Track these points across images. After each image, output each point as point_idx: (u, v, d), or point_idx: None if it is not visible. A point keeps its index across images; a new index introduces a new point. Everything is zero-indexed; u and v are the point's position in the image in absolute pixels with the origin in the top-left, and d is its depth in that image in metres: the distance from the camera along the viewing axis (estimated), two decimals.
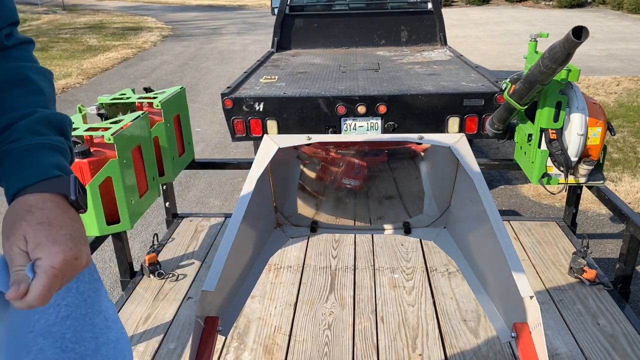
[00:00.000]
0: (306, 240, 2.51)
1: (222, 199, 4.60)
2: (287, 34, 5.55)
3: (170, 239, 2.57)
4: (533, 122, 2.19)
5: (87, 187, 1.77)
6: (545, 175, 2.19)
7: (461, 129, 3.57)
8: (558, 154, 2.09)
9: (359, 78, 4.05)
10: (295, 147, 1.61)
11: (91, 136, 1.87)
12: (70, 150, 0.81)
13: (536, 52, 2.25)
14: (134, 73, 10.06)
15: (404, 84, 3.83)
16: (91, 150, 1.82)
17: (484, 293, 1.40)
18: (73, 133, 1.87)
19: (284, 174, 1.70)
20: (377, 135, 1.59)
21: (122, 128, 1.90)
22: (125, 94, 2.35)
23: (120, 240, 2.17)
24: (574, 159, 2.10)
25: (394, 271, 2.25)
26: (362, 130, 3.62)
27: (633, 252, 2.04)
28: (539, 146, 2.16)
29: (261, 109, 3.56)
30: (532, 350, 1.09)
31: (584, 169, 2.12)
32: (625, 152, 5.33)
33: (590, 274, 2.11)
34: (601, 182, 2.19)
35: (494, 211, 1.27)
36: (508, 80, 2.24)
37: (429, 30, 5.49)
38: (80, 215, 0.73)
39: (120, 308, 2.04)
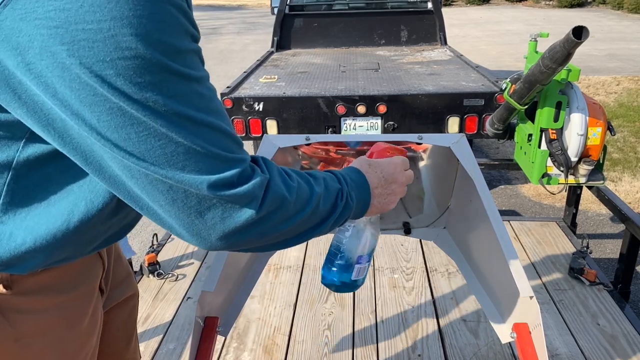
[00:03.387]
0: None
1: None
2: (286, 33, 5.55)
3: (170, 239, 2.56)
4: (533, 122, 2.19)
5: None
6: (545, 175, 2.18)
7: (461, 129, 3.57)
8: (558, 154, 2.09)
9: (359, 78, 4.05)
10: (295, 147, 1.61)
11: None
12: None
13: (536, 52, 2.25)
14: None
15: (404, 83, 3.82)
16: None
17: (484, 293, 1.40)
18: None
19: None
20: (377, 136, 1.58)
21: None
22: None
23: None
24: (574, 159, 2.10)
25: (394, 271, 2.25)
26: (362, 130, 3.61)
27: (633, 252, 2.04)
28: (539, 146, 2.16)
29: (261, 109, 3.56)
30: (532, 350, 1.08)
31: (584, 169, 2.12)
32: (626, 152, 5.33)
33: (590, 274, 2.10)
34: (601, 182, 2.19)
35: (494, 211, 1.27)
36: (508, 80, 2.23)
37: (429, 30, 5.49)
38: None
39: None
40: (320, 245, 2.46)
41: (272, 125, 3.60)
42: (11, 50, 0.53)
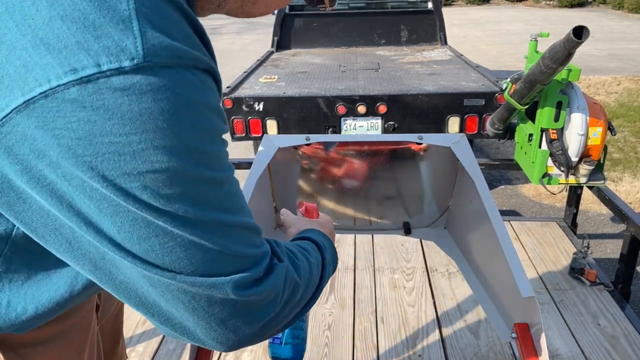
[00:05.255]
0: None
1: None
2: (287, 33, 5.55)
3: None
4: (533, 122, 2.19)
5: None
6: (546, 175, 2.18)
7: (461, 129, 3.56)
8: (559, 154, 2.09)
9: (359, 78, 4.05)
10: (295, 147, 1.61)
11: None
12: None
13: (536, 52, 2.25)
14: None
15: (404, 83, 3.82)
16: None
17: (484, 293, 1.39)
18: None
19: (284, 174, 1.69)
20: (377, 135, 1.58)
21: None
22: None
23: None
24: (574, 159, 2.09)
25: (394, 271, 2.24)
26: (362, 130, 3.61)
27: (633, 252, 2.04)
28: (540, 146, 2.16)
29: (261, 109, 3.56)
30: (533, 350, 1.08)
31: (584, 169, 2.12)
32: (626, 152, 5.33)
33: (590, 274, 2.10)
34: (602, 182, 2.19)
35: (494, 211, 1.27)
36: (509, 80, 2.23)
37: (429, 29, 5.49)
38: None
39: None
40: None
41: (272, 125, 3.60)
42: (14, 157, 0.47)
